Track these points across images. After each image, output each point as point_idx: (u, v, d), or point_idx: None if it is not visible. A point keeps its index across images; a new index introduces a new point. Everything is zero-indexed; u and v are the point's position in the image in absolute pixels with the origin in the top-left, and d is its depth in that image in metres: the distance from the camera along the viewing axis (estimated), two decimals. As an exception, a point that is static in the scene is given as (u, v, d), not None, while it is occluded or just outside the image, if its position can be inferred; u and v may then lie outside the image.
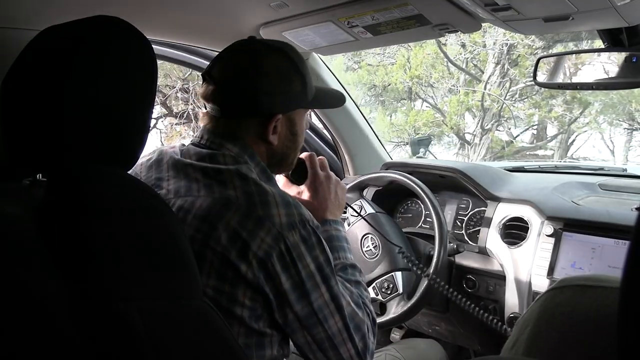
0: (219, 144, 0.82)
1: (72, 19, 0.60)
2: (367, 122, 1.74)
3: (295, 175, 0.98)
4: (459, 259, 1.36)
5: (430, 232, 1.34)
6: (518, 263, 1.23)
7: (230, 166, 0.78)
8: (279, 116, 0.83)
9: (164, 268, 0.52)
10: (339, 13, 1.05)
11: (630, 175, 1.55)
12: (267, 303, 0.74)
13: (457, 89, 8.01)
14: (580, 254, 1.14)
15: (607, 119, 8.23)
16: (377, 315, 1.28)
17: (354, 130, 1.68)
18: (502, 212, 1.32)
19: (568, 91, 6.83)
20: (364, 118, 1.72)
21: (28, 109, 0.56)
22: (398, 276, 1.25)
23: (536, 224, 1.24)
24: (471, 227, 1.43)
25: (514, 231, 1.28)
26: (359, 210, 1.37)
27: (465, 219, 1.45)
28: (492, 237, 1.31)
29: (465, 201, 1.47)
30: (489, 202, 1.36)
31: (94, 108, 0.56)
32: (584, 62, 1.22)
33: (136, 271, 0.49)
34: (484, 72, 7.94)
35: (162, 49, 1.39)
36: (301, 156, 0.97)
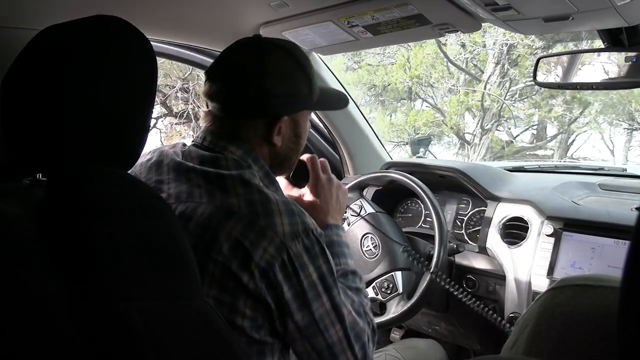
0: (222, 147, 0.80)
1: (72, 18, 0.60)
2: (367, 122, 1.74)
3: (296, 177, 0.97)
4: (459, 258, 1.36)
5: (430, 232, 1.34)
6: (518, 263, 1.23)
7: (232, 171, 0.76)
8: (284, 117, 0.81)
9: (164, 268, 0.52)
10: (339, 13, 1.05)
11: (630, 175, 1.55)
12: (269, 312, 0.73)
13: (457, 88, 8.01)
14: (580, 254, 1.14)
15: (607, 118, 8.24)
16: (377, 315, 1.28)
17: (354, 130, 1.68)
18: (502, 212, 1.32)
19: (568, 91, 6.83)
20: (364, 118, 1.72)
21: (28, 108, 0.56)
22: (398, 276, 1.25)
23: (536, 223, 1.24)
24: (471, 226, 1.43)
25: (514, 231, 1.28)
26: (359, 210, 1.37)
27: (465, 218, 1.45)
28: (492, 236, 1.31)
29: (465, 201, 1.47)
30: (489, 201, 1.36)
31: (94, 108, 0.56)
32: (584, 62, 1.22)
33: (136, 271, 0.49)
34: (483, 72, 7.94)
35: (164, 47, 1.38)
36: (302, 158, 0.96)
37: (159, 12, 1.09)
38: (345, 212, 1.42)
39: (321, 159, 0.99)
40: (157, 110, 7.18)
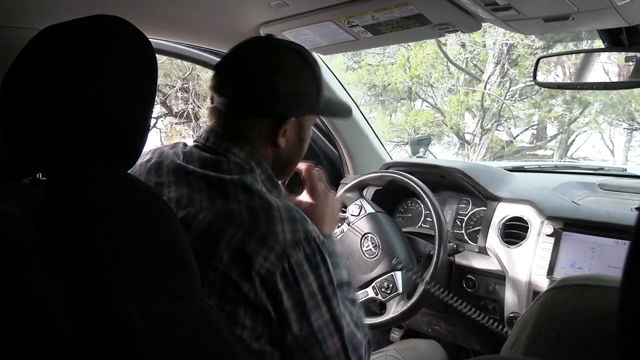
0: (225, 148, 0.78)
1: (72, 18, 0.60)
2: (367, 122, 1.74)
3: (291, 185, 0.96)
4: (458, 258, 1.36)
5: (430, 232, 1.34)
6: (518, 263, 1.24)
7: (234, 176, 0.75)
8: (292, 119, 0.80)
9: (164, 268, 0.52)
10: (339, 12, 1.05)
11: (630, 175, 1.55)
12: (269, 321, 0.71)
13: (457, 88, 8.01)
14: (580, 254, 1.14)
15: (607, 118, 8.24)
16: (377, 314, 1.29)
17: (353, 130, 1.68)
18: (502, 212, 1.32)
19: (568, 91, 6.83)
20: (364, 118, 1.72)
21: (28, 108, 0.56)
22: (398, 276, 1.25)
23: (536, 223, 1.24)
24: (471, 226, 1.44)
25: (514, 231, 1.28)
26: (358, 210, 1.37)
27: (465, 218, 1.45)
28: (491, 236, 1.31)
29: (465, 201, 1.47)
30: (488, 201, 1.36)
31: (94, 107, 0.56)
32: (583, 62, 1.22)
33: (136, 271, 0.49)
34: (483, 72, 7.94)
35: (167, 44, 1.36)
36: (297, 166, 0.95)
37: (159, 12, 1.09)
38: (345, 211, 1.43)
39: (316, 168, 0.98)
40: (157, 110, 7.18)
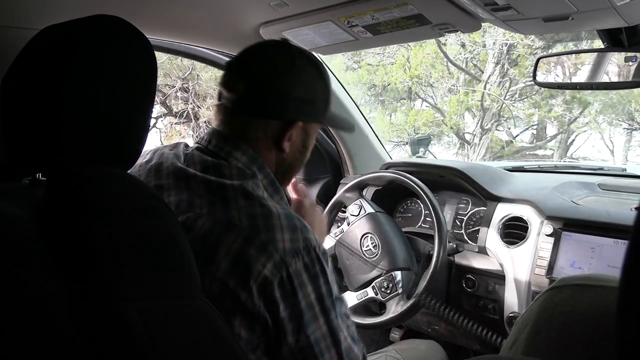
0: (227, 152, 0.77)
1: (71, 18, 0.60)
2: (367, 122, 1.74)
3: None
4: (458, 258, 1.36)
5: (430, 232, 1.35)
6: (517, 262, 1.24)
7: (235, 181, 0.74)
8: (299, 123, 0.80)
9: (163, 268, 0.52)
10: (338, 12, 1.05)
11: (629, 175, 1.55)
12: (265, 331, 0.70)
13: (457, 88, 8.01)
14: (580, 254, 1.14)
15: (607, 118, 8.24)
16: (377, 314, 1.29)
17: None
18: (501, 212, 1.32)
19: (568, 91, 6.83)
20: (364, 118, 1.72)
21: (28, 108, 0.56)
22: (397, 275, 1.25)
23: (536, 223, 1.24)
24: (471, 226, 1.44)
25: (514, 231, 1.28)
26: (358, 210, 1.37)
27: (465, 218, 1.45)
28: (491, 236, 1.31)
29: (465, 201, 1.47)
30: (488, 201, 1.36)
31: (94, 107, 0.56)
32: (583, 62, 1.23)
33: (136, 271, 0.49)
34: (483, 72, 7.94)
35: (175, 43, 1.34)
36: None
37: (159, 12, 1.09)
38: (345, 211, 1.43)
39: (300, 184, 0.97)
40: (157, 110, 7.18)
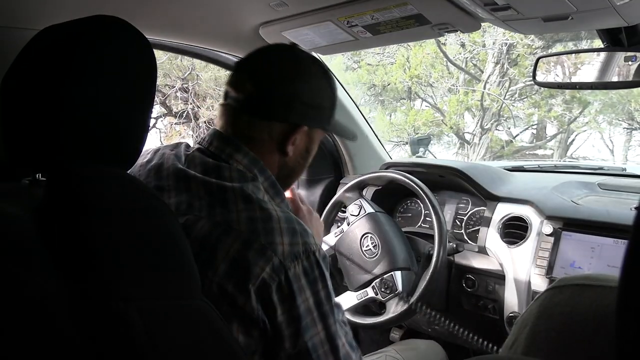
0: (228, 154, 0.77)
1: (71, 18, 0.60)
2: (367, 122, 1.74)
3: None
4: (458, 258, 1.36)
5: (430, 232, 1.35)
6: (517, 262, 1.24)
7: (235, 184, 0.73)
8: (304, 128, 0.80)
9: (163, 268, 0.52)
10: (338, 12, 1.05)
11: (629, 175, 1.55)
12: (263, 335, 0.69)
13: (457, 88, 8.01)
14: (580, 254, 1.14)
15: (607, 118, 8.24)
16: (377, 314, 1.29)
17: (353, 130, 1.67)
18: (501, 212, 1.32)
19: (567, 91, 6.83)
20: (364, 118, 1.72)
21: (27, 108, 0.56)
22: (397, 275, 1.25)
23: (535, 223, 1.24)
24: (471, 226, 1.44)
25: (514, 230, 1.28)
26: (358, 210, 1.37)
27: (465, 218, 1.45)
28: (491, 236, 1.31)
29: (465, 201, 1.47)
30: (488, 201, 1.36)
31: (94, 107, 0.56)
32: (583, 62, 1.23)
33: (136, 271, 0.50)
34: (483, 72, 7.94)
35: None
36: None
37: (158, 12, 1.09)
38: (344, 211, 1.43)
39: (297, 190, 0.98)
40: (157, 110, 7.19)
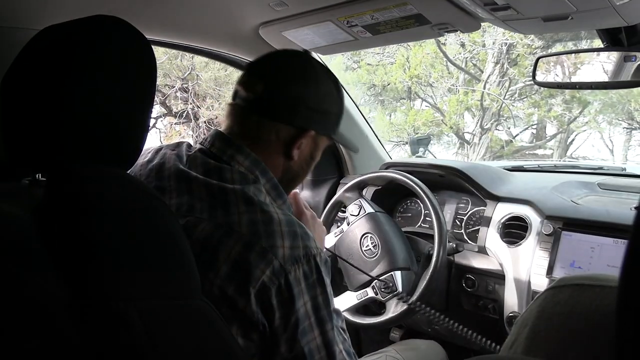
0: (229, 156, 0.77)
1: (71, 18, 0.60)
2: (367, 122, 1.74)
3: None
4: (458, 258, 1.36)
5: (430, 232, 1.35)
6: (517, 262, 1.24)
7: (237, 186, 0.73)
8: (311, 132, 0.81)
9: (163, 268, 0.52)
10: (338, 12, 1.05)
11: (629, 175, 1.55)
12: (262, 338, 0.69)
13: (457, 88, 8.01)
14: (580, 253, 1.14)
15: (607, 118, 8.24)
16: (376, 314, 1.29)
17: (353, 130, 1.68)
18: (501, 212, 1.32)
19: (567, 90, 6.83)
20: (364, 118, 1.72)
21: (28, 108, 0.56)
22: (397, 275, 1.25)
23: (535, 223, 1.24)
24: (470, 226, 1.44)
25: (514, 230, 1.28)
26: (358, 210, 1.37)
27: (465, 218, 1.45)
28: (491, 236, 1.31)
29: (465, 200, 1.47)
30: (488, 201, 1.36)
31: (94, 107, 0.56)
32: (583, 62, 1.23)
33: (136, 271, 0.50)
34: (483, 72, 7.94)
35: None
36: None
37: (158, 12, 1.09)
38: (344, 210, 1.43)
39: (300, 195, 0.98)
40: (157, 110, 7.18)
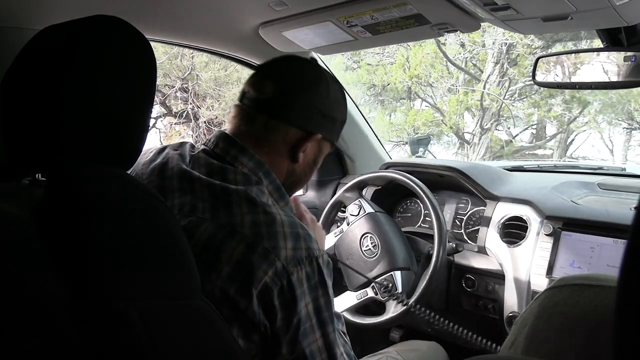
0: (233, 157, 0.77)
1: (71, 18, 0.60)
2: (367, 122, 1.74)
3: None
4: (458, 258, 1.36)
5: (430, 232, 1.35)
6: (517, 262, 1.24)
7: (240, 187, 0.73)
8: (317, 136, 0.82)
9: (163, 268, 0.52)
10: (338, 12, 1.05)
11: (629, 175, 1.55)
12: (264, 339, 0.69)
13: (457, 88, 8.01)
14: (579, 253, 1.14)
15: (606, 118, 8.24)
16: (376, 314, 1.29)
17: (353, 130, 1.68)
18: (501, 212, 1.32)
19: (567, 91, 6.83)
20: (364, 118, 1.72)
21: (28, 108, 0.56)
22: (397, 275, 1.26)
23: (535, 223, 1.24)
24: (470, 226, 1.44)
25: (513, 230, 1.28)
26: (358, 210, 1.37)
27: (465, 218, 1.45)
28: (491, 236, 1.31)
29: (465, 200, 1.47)
30: (488, 201, 1.36)
31: (93, 107, 0.56)
32: (583, 62, 1.23)
33: (136, 271, 0.50)
34: (483, 72, 7.94)
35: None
36: None
37: (158, 12, 1.09)
38: (344, 210, 1.43)
39: (300, 200, 0.99)
40: (157, 110, 7.18)
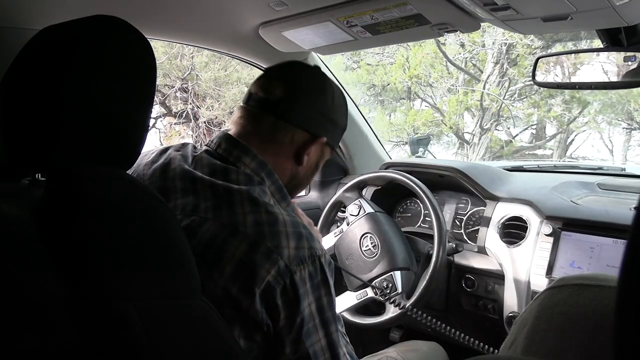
0: (236, 157, 0.78)
1: (71, 18, 0.60)
2: (366, 122, 1.74)
3: None
4: (458, 258, 1.36)
5: (430, 232, 1.35)
6: (517, 262, 1.24)
7: (242, 186, 0.73)
8: (323, 140, 0.84)
9: (163, 268, 0.52)
10: (338, 13, 1.05)
11: (629, 175, 1.55)
12: (266, 339, 0.69)
13: (456, 88, 8.01)
14: (579, 253, 1.14)
15: (606, 118, 8.24)
16: (376, 314, 1.29)
17: (353, 130, 1.68)
18: (501, 212, 1.32)
19: (567, 91, 6.83)
20: (363, 118, 1.72)
21: (27, 108, 0.56)
22: (397, 275, 1.25)
23: (535, 223, 1.24)
24: (470, 226, 1.44)
25: (513, 230, 1.29)
26: (357, 210, 1.37)
27: (464, 218, 1.45)
28: (491, 236, 1.31)
29: (464, 200, 1.47)
30: (488, 201, 1.36)
31: (93, 108, 0.56)
32: (582, 62, 1.23)
33: (135, 271, 0.50)
34: (483, 72, 7.94)
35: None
36: None
37: (158, 12, 1.09)
38: (344, 210, 1.43)
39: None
40: (156, 110, 7.17)
